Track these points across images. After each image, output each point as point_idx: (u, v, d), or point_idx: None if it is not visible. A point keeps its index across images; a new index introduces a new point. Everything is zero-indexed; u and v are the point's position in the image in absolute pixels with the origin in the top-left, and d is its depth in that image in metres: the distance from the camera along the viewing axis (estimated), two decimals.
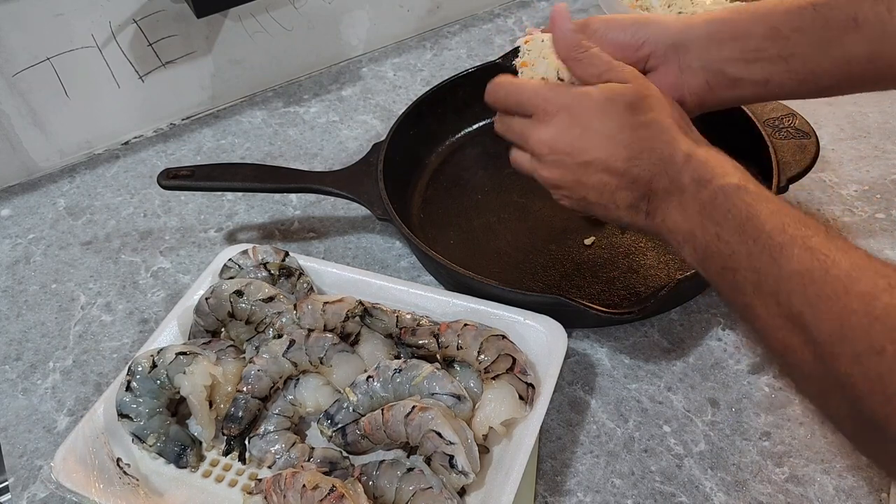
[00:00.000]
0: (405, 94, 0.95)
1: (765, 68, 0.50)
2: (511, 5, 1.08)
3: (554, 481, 0.55)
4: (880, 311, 0.33)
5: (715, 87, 0.52)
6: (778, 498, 0.52)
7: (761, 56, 0.50)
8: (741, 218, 0.41)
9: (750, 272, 0.40)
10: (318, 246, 0.76)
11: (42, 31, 0.79)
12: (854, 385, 0.33)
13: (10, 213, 0.84)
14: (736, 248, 0.41)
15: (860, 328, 0.33)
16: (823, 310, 0.35)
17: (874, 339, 0.33)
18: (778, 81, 0.50)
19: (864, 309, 0.34)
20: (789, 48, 0.49)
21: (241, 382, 0.55)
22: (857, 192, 0.74)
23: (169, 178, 0.71)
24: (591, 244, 0.70)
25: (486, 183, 0.79)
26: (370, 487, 0.49)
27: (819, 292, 0.36)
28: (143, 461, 0.54)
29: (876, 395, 0.32)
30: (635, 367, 0.62)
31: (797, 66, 0.50)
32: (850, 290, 0.35)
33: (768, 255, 0.39)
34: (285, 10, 0.91)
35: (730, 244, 0.42)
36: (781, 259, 0.38)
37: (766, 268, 0.39)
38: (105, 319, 0.71)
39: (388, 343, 0.58)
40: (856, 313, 0.34)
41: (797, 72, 0.50)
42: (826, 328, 0.35)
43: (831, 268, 0.36)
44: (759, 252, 0.39)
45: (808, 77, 0.50)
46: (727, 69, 0.51)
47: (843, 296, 0.35)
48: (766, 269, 0.39)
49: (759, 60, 0.50)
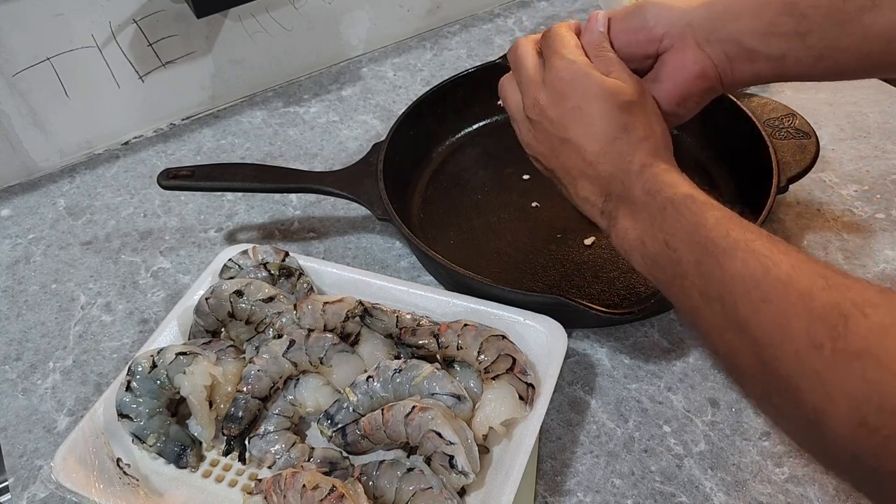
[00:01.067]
0: (405, 94, 0.95)
1: (781, 43, 0.50)
2: (511, 5, 1.08)
3: (554, 481, 0.55)
4: (819, 309, 0.34)
5: (734, 60, 0.52)
6: (778, 498, 0.52)
7: (778, 30, 0.50)
8: (689, 226, 0.42)
9: (697, 277, 0.41)
10: (318, 246, 0.76)
11: (42, 31, 0.79)
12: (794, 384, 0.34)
13: (10, 213, 0.84)
14: (683, 256, 0.42)
15: (799, 327, 0.34)
16: (765, 312, 0.36)
17: (813, 336, 0.33)
18: (795, 58, 0.50)
19: (804, 308, 0.34)
20: (806, 24, 0.49)
21: (241, 382, 0.55)
22: (857, 192, 0.74)
23: (169, 178, 0.71)
24: (591, 244, 0.70)
25: (486, 183, 0.79)
26: (370, 487, 0.49)
27: (762, 295, 0.36)
28: (143, 461, 0.54)
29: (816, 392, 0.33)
30: (635, 367, 0.62)
31: (814, 43, 0.50)
32: (790, 290, 0.35)
33: (714, 260, 0.39)
34: (285, 10, 0.91)
35: (678, 251, 0.43)
36: (725, 262, 0.39)
37: (711, 272, 0.40)
38: (105, 319, 0.71)
39: (388, 343, 0.58)
40: (795, 313, 0.35)
41: (814, 48, 0.50)
42: (768, 329, 0.36)
43: (772, 268, 0.37)
44: (706, 257, 0.40)
45: (824, 55, 0.50)
46: (744, 40, 0.51)
47: (784, 295, 0.35)
48: (711, 273, 0.40)
49: (775, 35, 0.50)
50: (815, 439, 0.35)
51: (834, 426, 0.33)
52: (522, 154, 0.81)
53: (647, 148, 0.49)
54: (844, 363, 0.32)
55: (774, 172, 0.65)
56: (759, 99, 0.74)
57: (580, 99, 0.50)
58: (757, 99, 0.74)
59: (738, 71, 0.52)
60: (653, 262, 0.45)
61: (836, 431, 0.32)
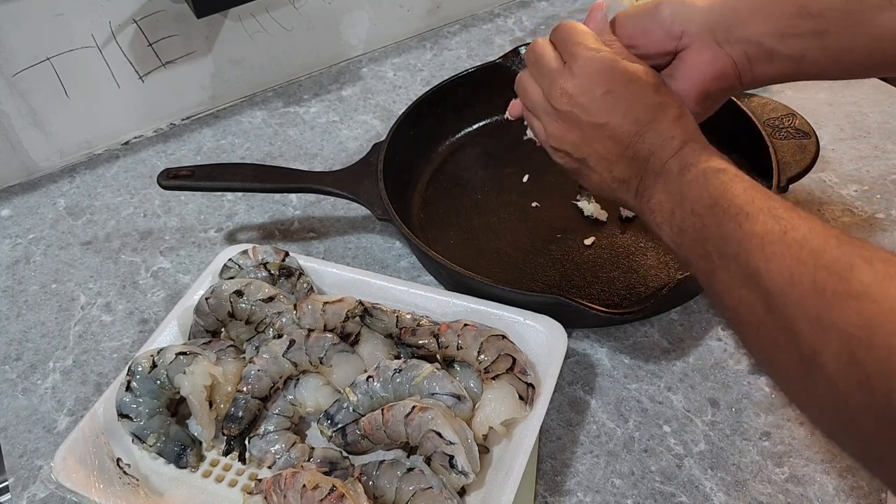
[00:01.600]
0: (405, 94, 0.95)
1: (799, 43, 0.51)
2: (511, 5, 1.08)
3: (554, 481, 0.55)
4: (827, 260, 0.36)
5: (753, 60, 0.52)
6: (778, 498, 0.53)
7: (795, 31, 0.51)
8: (716, 194, 0.44)
9: (718, 239, 0.43)
10: (318, 246, 0.76)
11: (42, 31, 0.79)
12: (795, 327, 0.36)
13: (10, 213, 0.84)
14: (707, 221, 0.44)
15: (806, 273, 0.36)
16: (777, 262, 0.38)
17: (818, 281, 0.36)
18: (812, 58, 0.51)
19: (813, 260, 0.37)
20: (822, 24, 0.50)
21: (241, 382, 0.55)
22: (857, 192, 0.74)
23: (169, 178, 0.71)
24: (591, 244, 0.70)
25: (486, 183, 0.79)
26: (370, 487, 0.49)
27: (775, 249, 0.39)
28: (143, 461, 0.54)
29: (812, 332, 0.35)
30: (635, 367, 0.62)
31: (830, 43, 0.50)
32: (804, 247, 0.38)
33: (735, 222, 0.42)
34: (285, 10, 0.91)
35: (702, 217, 0.45)
36: (746, 224, 0.41)
37: (731, 233, 0.42)
38: (105, 319, 0.71)
39: (388, 343, 0.58)
40: (804, 263, 0.37)
41: (830, 49, 0.51)
42: (777, 278, 0.38)
43: (790, 230, 0.39)
44: (728, 220, 0.42)
45: (841, 55, 0.51)
46: (763, 41, 0.51)
47: (797, 250, 0.38)
48: (730, 233, 0.42)
49: (792, 35, 0.51)
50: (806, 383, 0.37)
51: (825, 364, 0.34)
52: (522, 154, 0.82)
53: (683, 126, 0.50)
54: (842, 303, 0.34)
55: (774, 172, 0.65)
56: (759, 99, 0.74)
57: (612, 83, 0.50)
58: (757, 99, 0.74)
59: (758, 71, 0.53)
60: (679, 229, 0.47)
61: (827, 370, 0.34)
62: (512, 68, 0.83)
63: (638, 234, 0.71)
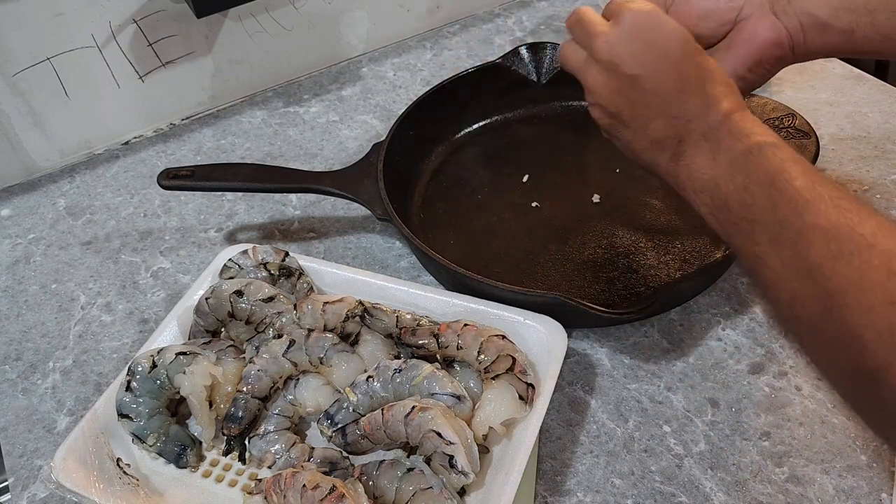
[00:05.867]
0: (405, 94, 0.95)
1: (851, 17, 0.53)
2: (511, 5, 1.08)
3: (554, 481, 0.55)
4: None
5: (808, 31, 0.54)
6: (778, 498, 0.53)
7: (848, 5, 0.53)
8: (773, 172, 0.42)
9: (771, 224, 0.41)
10: (318, 246, 0.76)
11: (42, 31, 0.79)
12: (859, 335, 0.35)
13: (10, 213, 0.84)
14: (760, 201, 0.42)
15: (878, 282, 0.35)
16: (843, 263, 0.36)
17: (891, 292, 0.34)
18: (863, 34, 0.53)
19: (885, 265, 0.35)
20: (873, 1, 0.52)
21: (241, 382, 0.55)
22: (857, 193, 0.74)
23: (169, 178, 0.71)
24: (591, 244, 0.70)
25: (486, 183, 0.79)
26: (370, 487, 0.49)
27: (841, 248, 0.37)
28: (143, 461, 0.54)
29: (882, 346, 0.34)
30: (635, 367, 0.62)
31: (882, 20, 0.52)
32: (874, 248, 0.36)
33: (793, 209, 0.40)
34: (285, 10, 0.91)
35: (755, 196, 0.43)
36: (806, 213, 0.39)
37: (788, 220, 0.40)
38: (105, 319, 0.71)
39: (388, 343, 0.58)
40: (875, 268, 0.35)
41: (882, 25, 0.52)
42: (843, 281, 0.36)
43: (857, 226, 0.37)
44: (785, 205, 0.41)
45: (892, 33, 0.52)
46: (818, 13, 0.53)
47: (866, 251, 0.36)
48: (788, 221, 0.40)
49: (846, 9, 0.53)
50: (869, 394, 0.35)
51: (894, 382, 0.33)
52: (522, 154, 0.82)
53: (733, 94, 0.49)
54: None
55: None
56: (759, 99, 0.74)
57: (658, 36, 0.49)
58: (757, 99, 0.74)
59: (811, 42, 0.54)
60: (723, 203, 0.45)
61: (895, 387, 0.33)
62: (512, 68, 0.83)
63: (638, 234, 0.71)
